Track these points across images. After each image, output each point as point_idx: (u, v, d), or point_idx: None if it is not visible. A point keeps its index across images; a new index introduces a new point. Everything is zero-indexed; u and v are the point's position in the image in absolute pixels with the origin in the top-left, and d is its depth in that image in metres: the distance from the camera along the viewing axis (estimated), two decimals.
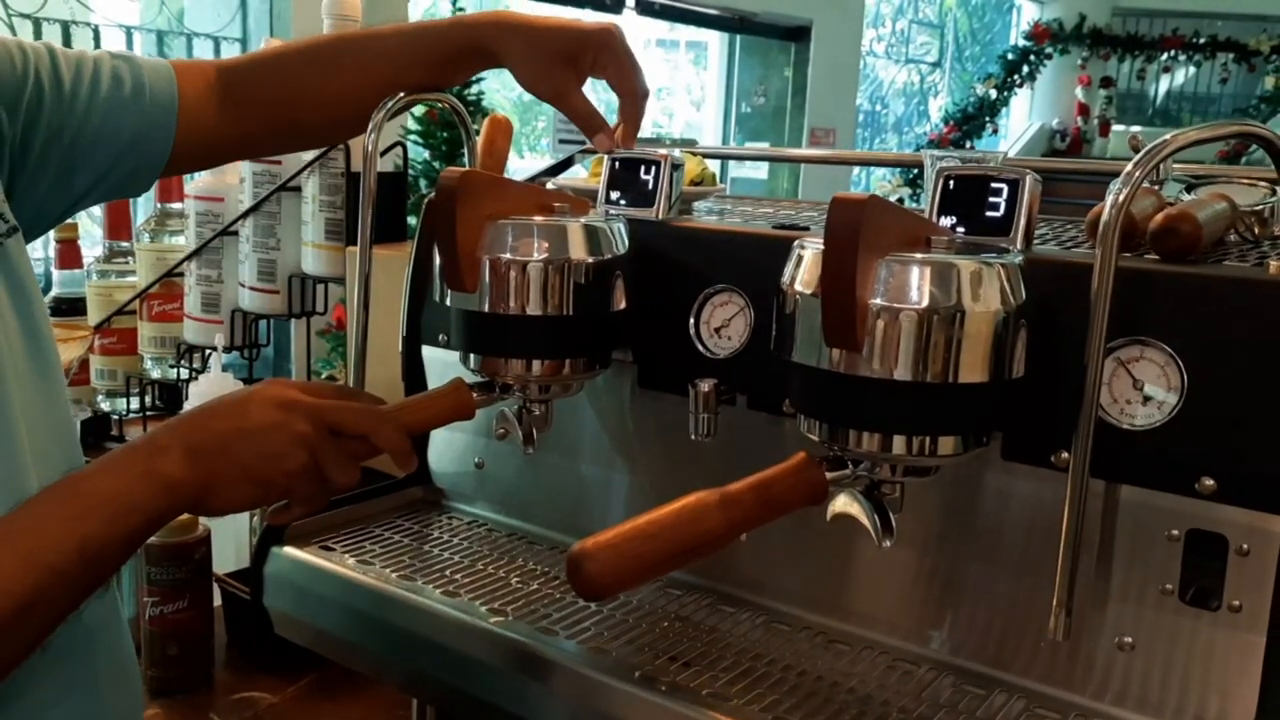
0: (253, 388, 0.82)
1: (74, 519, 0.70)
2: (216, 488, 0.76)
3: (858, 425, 0.75)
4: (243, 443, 0.77)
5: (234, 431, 0.77)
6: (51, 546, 0.69)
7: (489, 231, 0.91)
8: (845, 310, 0.70)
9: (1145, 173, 0.71)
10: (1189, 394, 0.75)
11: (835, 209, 0.69)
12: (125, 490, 0.72)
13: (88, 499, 0.71)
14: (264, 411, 0.78)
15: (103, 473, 0.74)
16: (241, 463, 0.77)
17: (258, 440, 0.77)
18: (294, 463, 0.78)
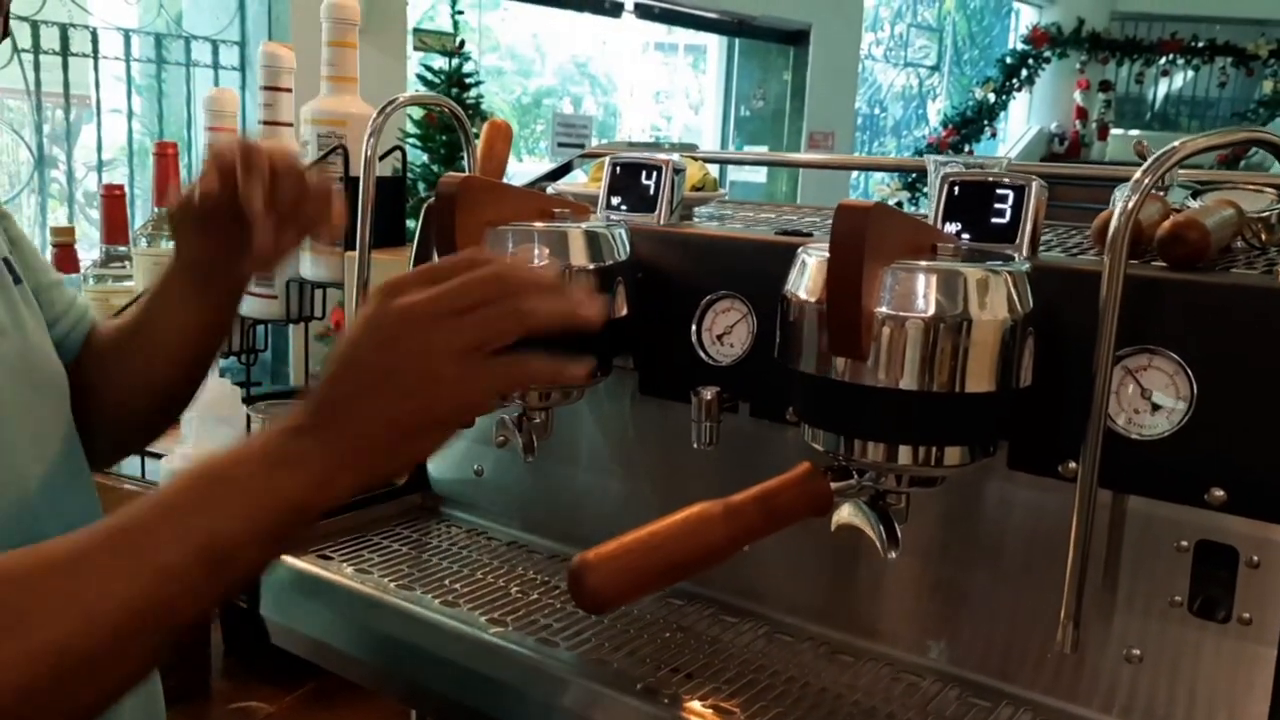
0: (362, 315, 0.62)
1: (193, 512, 0.58)
2: (367, 461, 0.60)
3: (863, 435, 0.74)
4: (371, 401, 0.59)
5: (354, 393, 0.60)
6: (168, 545, 0.56)
7: (489, 237, 0.90)
8: (851, 318, 0.69)
9: (1154, 179, 0.70)
10: (1198, 403, 0.74)
11: (841, 216, 0.68)
12: (254, 481, 0.59)
13: (214, 486, 0.59)
14: (377, 350, 0.60)
15: (232, 462, 0.60)
16: (383, 420, 0.59)
17: (386, 389, 0.59)
18: (444, 389, 0.59)
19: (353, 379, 0.60)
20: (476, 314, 0.59)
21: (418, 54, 4.84)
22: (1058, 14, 8.70)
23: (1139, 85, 9.25)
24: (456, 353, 0.59)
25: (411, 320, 0.59)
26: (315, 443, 0.59)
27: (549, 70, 8.84)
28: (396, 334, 0.59)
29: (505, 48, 8.50)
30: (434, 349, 0.59)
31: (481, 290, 0.60)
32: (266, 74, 1.55)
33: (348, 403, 0.60)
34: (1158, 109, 9.45)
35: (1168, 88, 9.42)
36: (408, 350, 0.59)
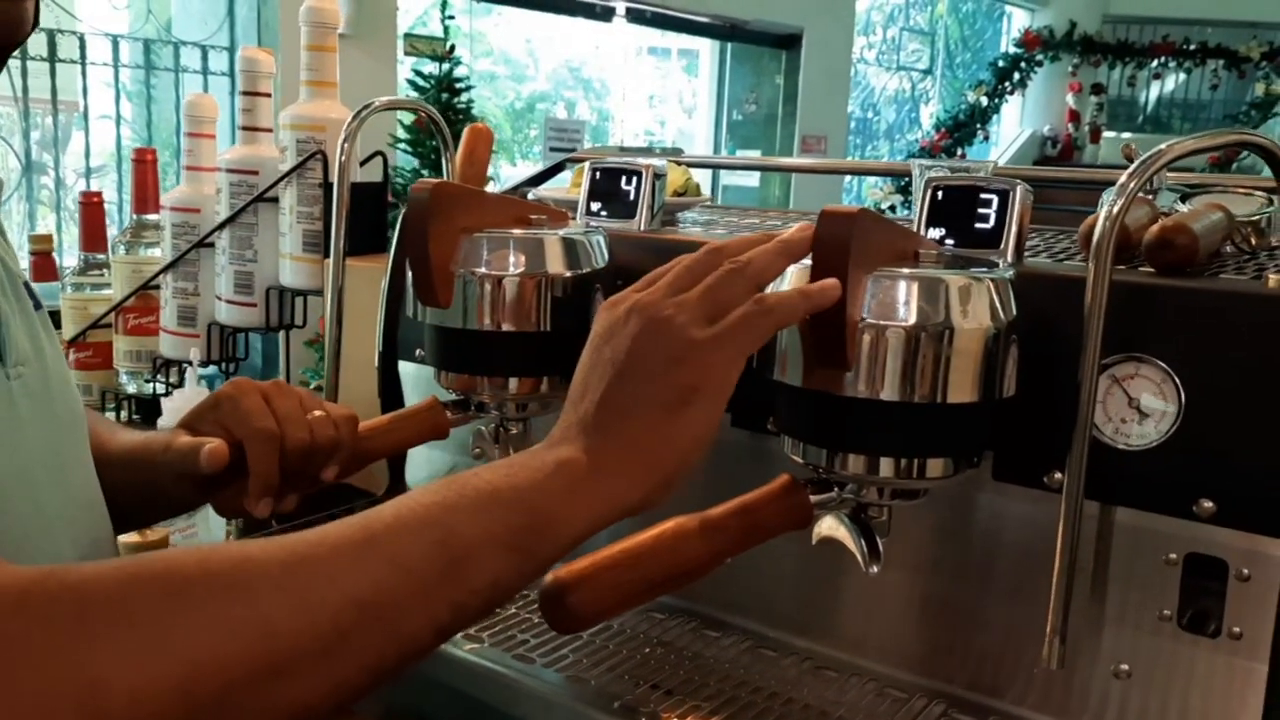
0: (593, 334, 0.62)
1: (433, 507, 0.54)
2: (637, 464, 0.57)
3: (844, 447, 0.72)
4: (629, 393, 0.57)
5: (610, 393, 0.58)
6: (403, 536, 0.52)
7: (463, 245, 0.88)
8: (834, 329, 0.67)
9: (1140, 183, 0.68)
10: (1186, 412, 0.73)
11: (824, 222, 0.66)
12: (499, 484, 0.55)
13: (463, 488, 0.55)
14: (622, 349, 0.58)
15: (487, 471, 0.57)
16: (647, 407, 0.57)
17: (642, 375, 0.57)
18: (701, 354, 0.58)
19: (603, 380, 0.58)
20: (703, 284, 0.60)
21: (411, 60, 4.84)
22: (1050, 17, 8.71)
23: (1131, 88, 9.27)
24: (700, 320, 0.59)
25: (644, 309, 0.59)
26: (574, 449, 0.57)
27: (542, 75, 8.83)
28: (635, 328, 0.59)
29: (498, 52, 8.49)
30: (675, 325, 0.58)
31: (699, 268, 0.61)
32: (245, 79, 1.53)
33: (604, 403, 0.58)
34: (1150, 112, 9.47)
35: (1160, 90, 9.44)
36: (650, 334, 0.58)
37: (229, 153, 1.53)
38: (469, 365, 0.91)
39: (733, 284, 0.60)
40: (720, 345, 0.59)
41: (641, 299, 0.60)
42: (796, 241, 0.65)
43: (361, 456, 0.87)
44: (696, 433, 0.59)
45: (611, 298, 0.62)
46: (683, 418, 0.58)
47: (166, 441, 0.82)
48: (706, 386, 0.58)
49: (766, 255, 0.63)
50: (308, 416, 0.82)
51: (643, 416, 0.57)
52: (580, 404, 0.59)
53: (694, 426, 0.58)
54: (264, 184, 1.50)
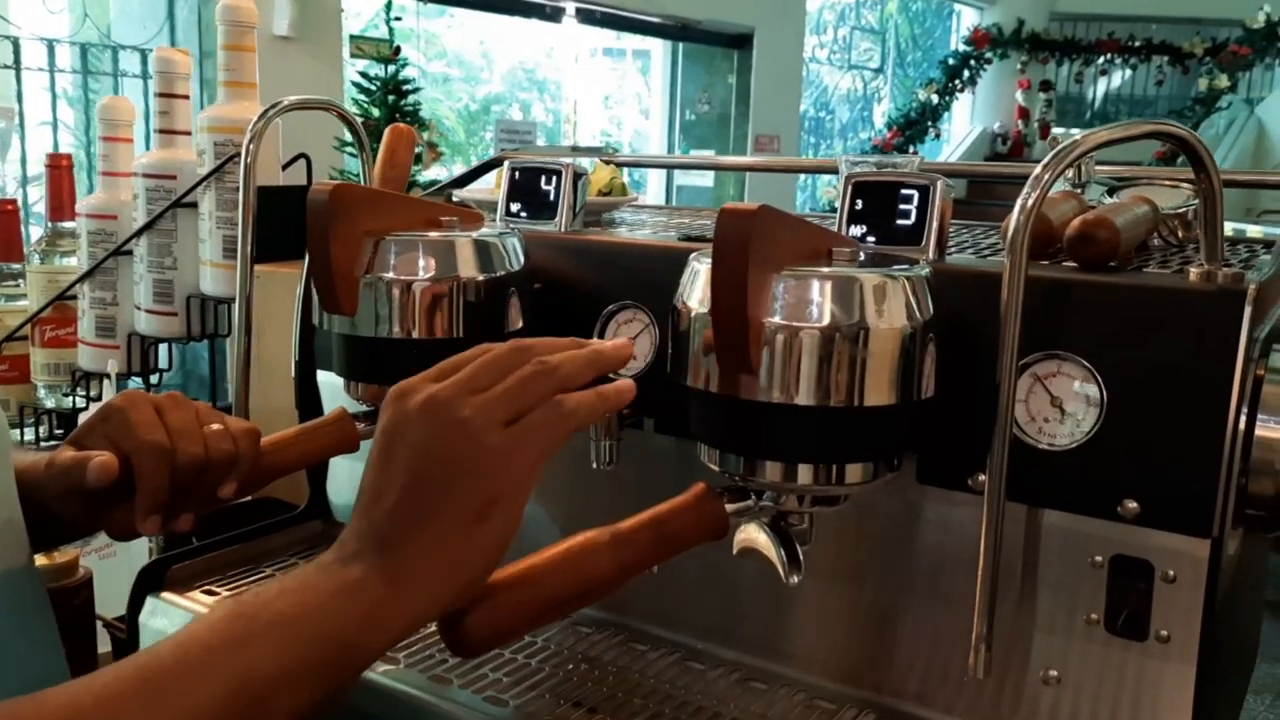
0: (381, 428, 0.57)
1: (225, 649, 0.51)
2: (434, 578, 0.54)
3: (758, 454, 0.69)
4: (421, 505, 0.53)
5: (400, 503, 0.54)
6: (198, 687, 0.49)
7: (367, 249, 0.84)
8: (737, 330, 0.64)
9: (1054, 175, 0.66)
10: (1108, 411, 0.71)
11: (723, 221, 0.63)
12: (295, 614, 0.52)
13: (250, 622, 0.52)
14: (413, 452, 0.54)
15: (274, 595, 0.53)
16: (441, 522, 0.53)
17: (434, 487, 0.53)
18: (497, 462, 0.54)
19: (395, 489, 0.54)
20: (505, 384, 0.56)
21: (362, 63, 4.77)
22: (998, 15, 8.80)
23: (1079, 84, 9.40)
24: (498, 423, 0.54)
25: (437, 409, 0.54)
26: (368, 567, 0.53)
27: (497, 77, 8.77)
28: (428, 426, 0.54)
29: (452, 55, 8.41)
30: (472, 426, 0.54)
31: (503, 363, 0.57)
32: (161, 80, 1.47)
33: (398, 514, 0.53)
34: (1098, 108, 9.60)
35: (1107, 87, 9.59)
36: (445, 437, 0.54)
37: (145, 157, 1.48)
38: (378, 374, 0.87)
39: (537, 387, 0.56)
40: (518, 450, 0.55)
41: (437, 394, 0.55)
42: (611, 354, 0.61)
43: (264, 472, 0.82)
44: (494, 542, 0.55)
45: (401, 385, 0.57)
46: (480, 530, 0.54)
47: (51, 458, 0.77)
48: (504, 496, 0.55)
49: (577, 362, 0.59)
50: (204, 430, 0.78)
51: (438, 529, 0.53)
52: (372, 510, 0.54)
53: (492, 536, 0.55)
54: (182, 189, 1.44)
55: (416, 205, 0.91)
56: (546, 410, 0.56)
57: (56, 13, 4.77)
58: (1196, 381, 0.69)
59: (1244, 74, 8.07)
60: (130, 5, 5.10)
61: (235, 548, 1.08)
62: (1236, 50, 8.02)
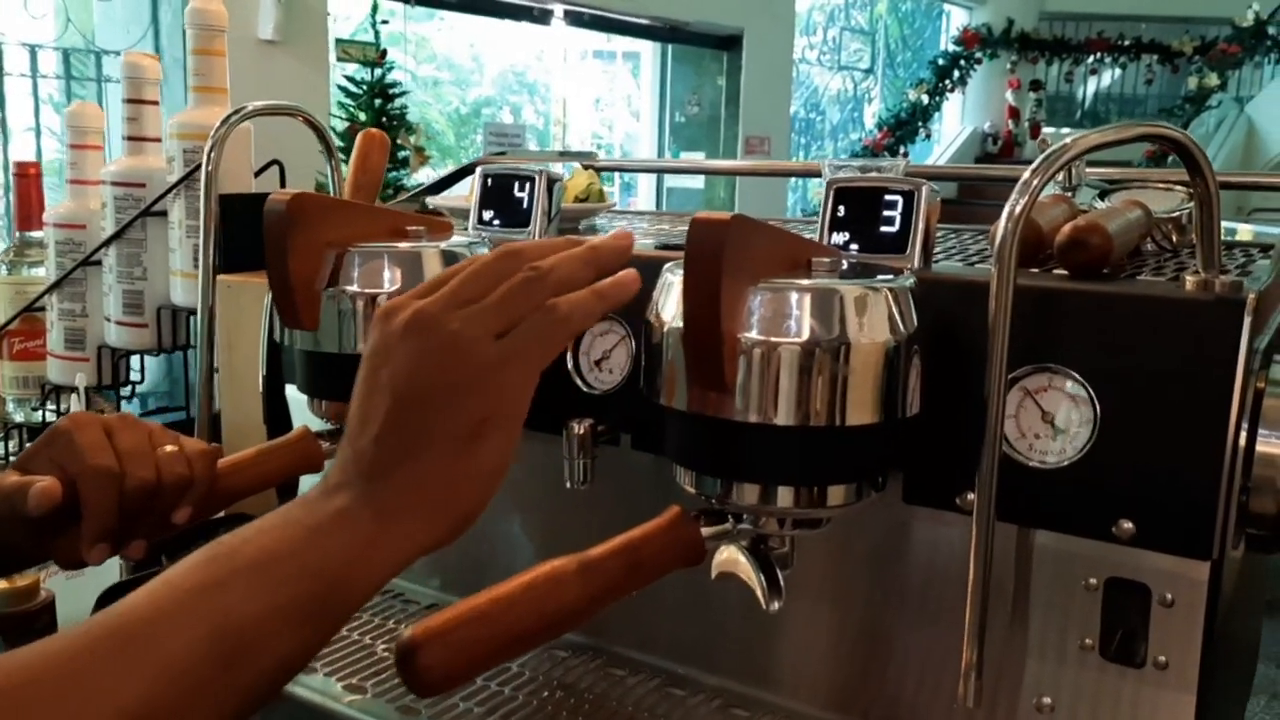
0: (369, 345, 0.52)
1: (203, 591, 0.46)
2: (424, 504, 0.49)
3: (735, 476, 0.66)
4: (410, 426, 0.49)
5: (389, 425, 0.49)
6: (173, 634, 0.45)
7: (329, 261, 0.81)
8: (711, 346, 0.61)
9: (1044, 180, 0.63)
10: (1102, 427, 0.67)
11: (694, 230, 0.60)
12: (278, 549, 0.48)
13: (230, 559, 0.47)
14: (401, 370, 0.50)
15: (255, 532, 0.49)
16: (432, 443, 0.49)
17: (424, 405, 0.49)
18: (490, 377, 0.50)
19: (380, 414, 0.50)
20: (496, 293, 0.51)
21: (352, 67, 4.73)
22: (987, 15, 8.79)
23: (1069, 84, 9.39)
24: (488, 336, 0.50)
25: (425, 323, 0.50)
26: (354, 497, 0.49)
27: (487, 80, 8.73)
28: (415, 344, 0.50)
29: (442, 58, 8.37)
30: (461, 341, 0.50)
31: (492, 271, 0.52)
32: (129, 86, 1.43)
33: (385, 439, 0.49)
34: (1088, 107, 9.60)
35: (1097, 86, 9.58)
36: (433, 354, 0.49)
37: (114, 164, 1.44)
38: (342, 392, 0.83)
39: (529, 294, 0.51)
40: (511, 363, 0.50)
41: (423, 308, 0.51)
42: (608, 250, 0.55)
43: (223, 495, 0.79)
44: (490, 466, 0.51)
45: (387, 304, 0.53)
46: (474, 453, 0.50)
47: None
48: (499, 414, 0.51)
49: (571, 262, 0.53)
50: (156, 452, 0.74)
51: (429, 454, 0.49)
52: (358, 439, 0.51)
53: (487, 460, 0.51)
54: (152, 197, 1.41)
55: (381, 215, 0.88)
56: (540, 317, 0.51)
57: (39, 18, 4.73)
58: (1194, 395, 0.65)
59: (1233, 72, 8.07)
60: (114, 10, 5.05)
61: None
62: (1226, 48, 8.01)
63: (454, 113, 8.74)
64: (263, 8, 4.78)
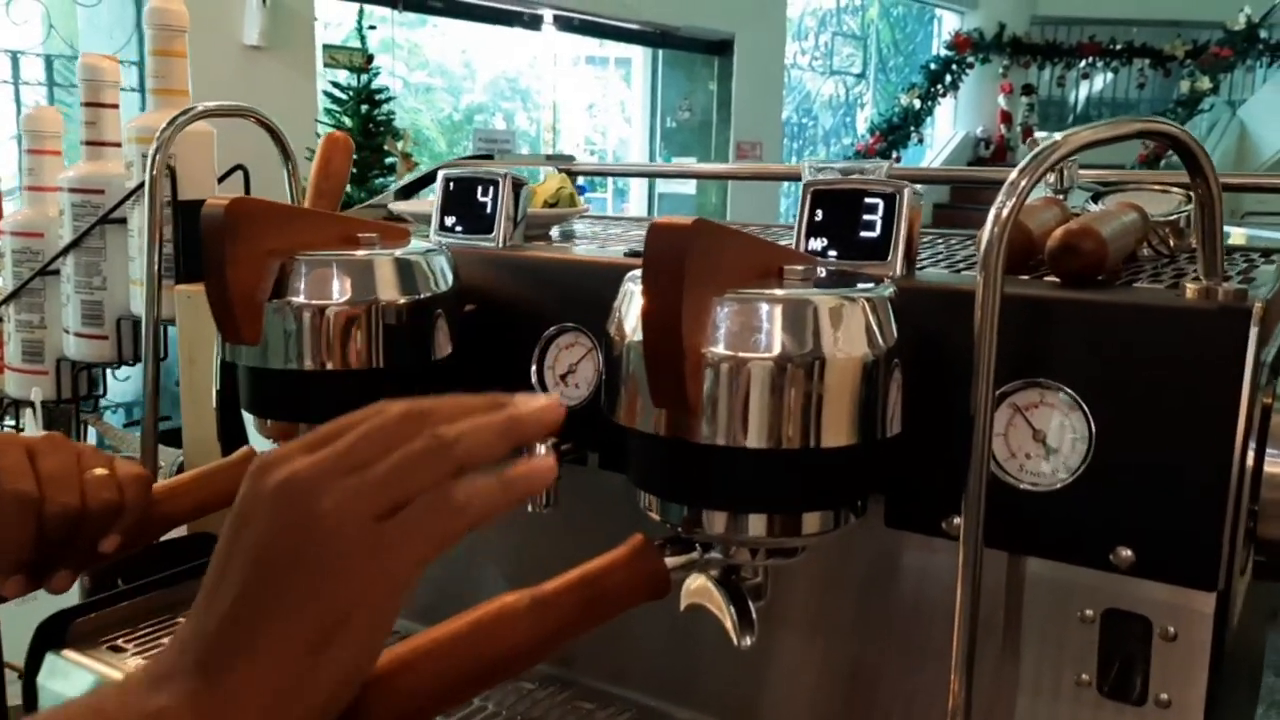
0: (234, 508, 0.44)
1: None
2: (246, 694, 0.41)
3: (701, 503, 0.61)
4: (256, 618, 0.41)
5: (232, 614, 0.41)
6: None
7: (272, 271, 0.75)
8: (672, 361, 0.56)
9: (1032, 181, 0.58)
10: (1098, 446, 0.63)
11: (653, 237, 0.55)
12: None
13: None
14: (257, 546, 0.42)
15: None
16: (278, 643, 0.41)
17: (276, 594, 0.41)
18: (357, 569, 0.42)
19: (234, 584, 0.41)
20: (387, 463, 0.43)
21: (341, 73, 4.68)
22: (979, 19, 8.77)
23: (1061, 88, 9.37)
24: (367, 516, 0.42)
25: (295, 490, 0.42)
26: (179, 697, 0.41)
27: (479, 87, 8.70)
28: (280, 514, 0.42)
29: (434, 65, 8.34)
30: (331, 519, 0.41)
31: (390, 434, 0.44)
32: (87, 89, 1.39)
33: (230, 623, 0.41)
34: (1080, 111, 9.57)
35: (1089, 90, 9.56)
36: (297, 530, 0.41)
37: (71, 170, 1.39)
38: (289, 410, 0.79)
39: (427, 469, 0.43)
40: (388, 553, 0.42)
41: (297, 471, 0.42)
42: (531, 421, 0.46)
43: (157, 522, 0.74)
44: (341, 673, 0.42)
45: (266, 455, 0.44)
46: (326, 658, 0.41)
47: None
48: (360, 613, 0.42)
49: (484, 433, 0.44)
50: (83, 476, 0.69)
51: (272, 653, 0.41)
52: (205, 612, 0.42)
53: (337, 667, 0.42)
54: (111, 203, 1.36)
55: (331, 221, 0.82)
56: (432, 500, 0.43)
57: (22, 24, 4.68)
58: (1197, 412, 0.60)
59: (1225, 76, 8.05)
60: (98, 15, 5.00)
61: (152, 595, 0.98)
62: (1218, 52, 7.99)
63: (446, 119, 8.71)
64: (248, 13, 4.74)
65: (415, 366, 0.80)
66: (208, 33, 4.81)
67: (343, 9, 5.44)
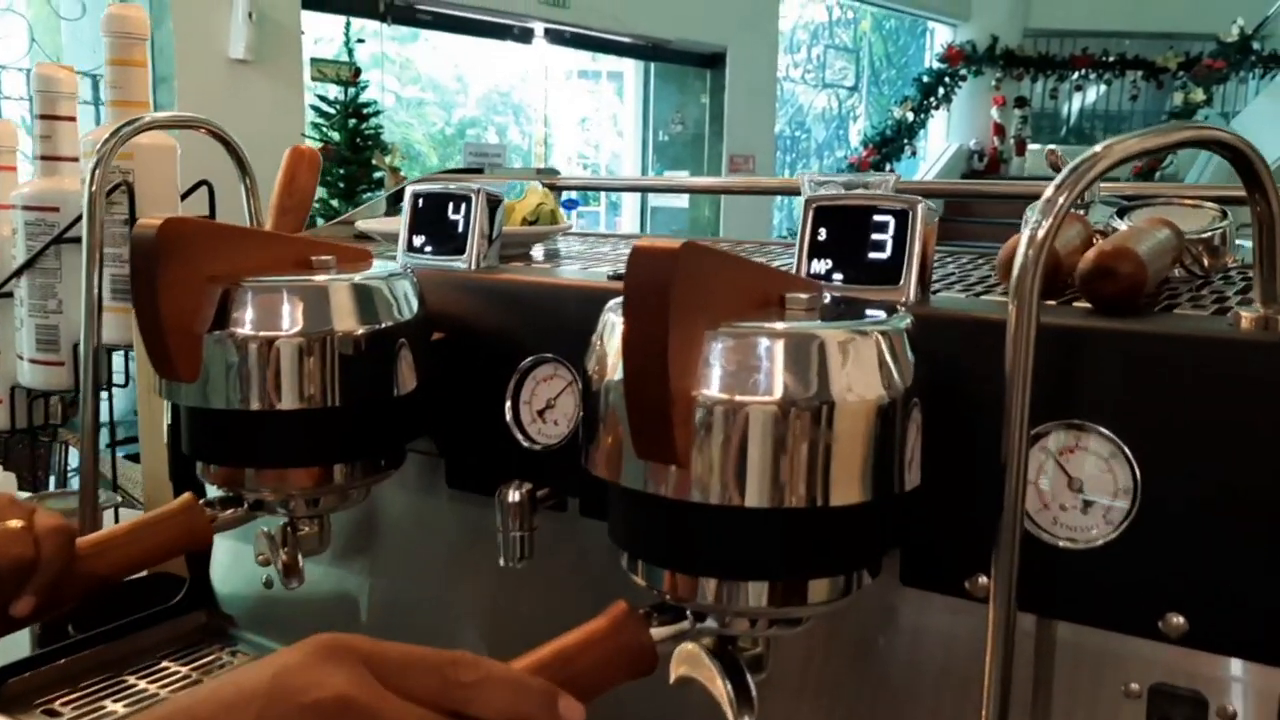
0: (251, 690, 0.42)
1: None
2: None
3: (692, 569, 0.53)
4: None
5: None
6: None
7: (212, 298, 0.68)
8: (657, 406, 0.48)
9: (1072, 197, 0.51)
10: (1144, 497, 0.55)
11: (635, 263, 0.47)
12: None
13: None
14: None
15: None
16: None
17: None
18: None
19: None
20: None
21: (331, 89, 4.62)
22: (971, 32, 8.75)
23: (1054, 100, 9.35)
24: None
25: None
26: None
27: (472, 101, 8.66)
28: None
29: (426, 79, 8.30)
30: None
31: None
32: (42, 100, 1.31)
33: None
34: (1073, 124, 9.55)
35: (1082, 102, 9.55)
36: None
37: (25, 186, 1.31)
38: (232, 455, 0.71)
39: None
40: None
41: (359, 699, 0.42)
42: None
43: (83, 580, 0.65)
44: None
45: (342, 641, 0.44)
46: None
47: None
48: None
49: None
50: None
51: None
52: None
53: None
54: (66, 221, 1.27)
55: (282, 243, 0.75)
56: None
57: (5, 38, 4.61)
58: (1258, 458, 0.53)
59: (1218, 87, 8.03)
60: (81, 29, 4.93)
61: (98, 649, 0.90)
62: (1210, 64, 7.97)
63: (438, 133, 8.65)
64: (234, 26, 4.67)
65: (376, 403, 0.73)
66: (193, 47, 4.76)
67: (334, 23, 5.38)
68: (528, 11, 5.97)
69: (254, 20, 4.72)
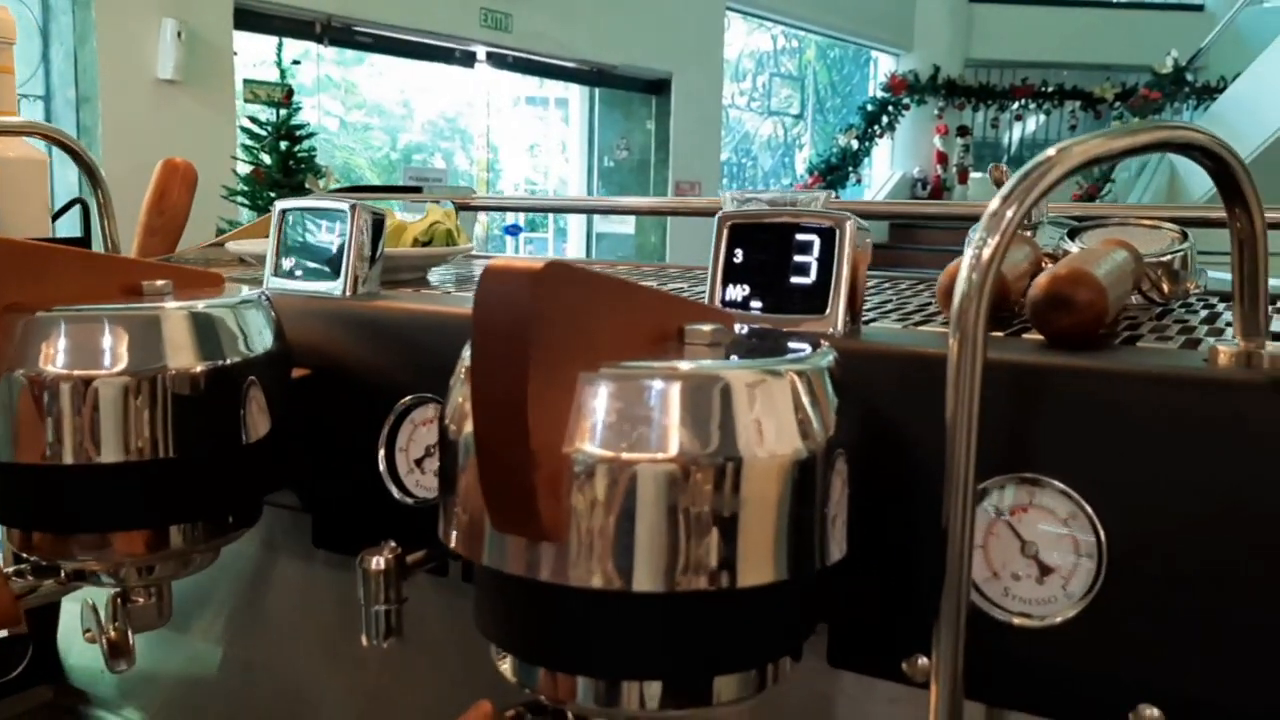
0: None
1: None
2: None
3: (567, 665, 0.43)
4: None
5: None
6: None
7: (13, 331, 0.57)
8: (513, 467, 0.38)
9: (1022, 210, 0.42)
10: (1111, 565, 0.46)
11: (485, 288, 0.38)
12: None
13: None
14: None
15: None
16: None
17: None
18: None
19: None
20: None
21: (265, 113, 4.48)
22: (914, 61, 8.86)
23: (995, 130, 9.51)
24: None
25: None
26: None
27: (417, 126, 8.57)
28: None
29: (371, 104, 8.18)
30: None
31: None
32: None
33: None
34: (1014, 152, 9.70)
35: (1022, 131, 9.71)
36: None
37: None
38: (45, 520, 0.59)
39: None
40: None
41: None
42: None
43: None
44: None
45: None
46: None
47: None
48: None
49: None
50: None
51: None
52: None
53: None
54: None
55: (108, 265, 0.64)
56: None
57: None
58: (1240, 518, 0.45)
59: (1155, 117, 8.20)
60: None
61: None
62: (1146, 94, 8.14)
63: (383, 159, 8.52)
64: (162, 45, 4.53)
65: (220, 453, 0.62)
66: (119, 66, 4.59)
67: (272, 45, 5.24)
68: (470, 35, 5.89)
69: (183, 40, 4.59)
